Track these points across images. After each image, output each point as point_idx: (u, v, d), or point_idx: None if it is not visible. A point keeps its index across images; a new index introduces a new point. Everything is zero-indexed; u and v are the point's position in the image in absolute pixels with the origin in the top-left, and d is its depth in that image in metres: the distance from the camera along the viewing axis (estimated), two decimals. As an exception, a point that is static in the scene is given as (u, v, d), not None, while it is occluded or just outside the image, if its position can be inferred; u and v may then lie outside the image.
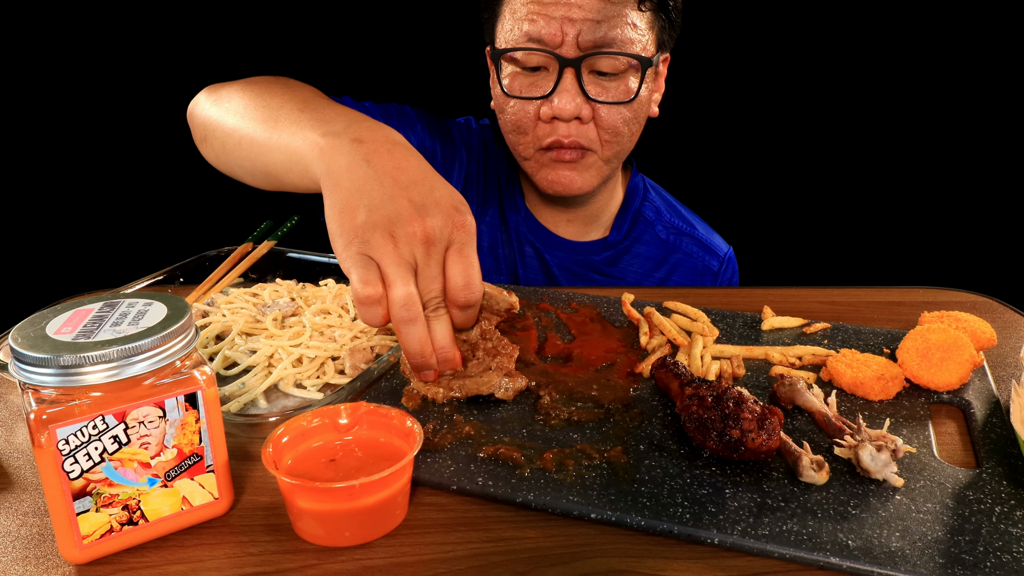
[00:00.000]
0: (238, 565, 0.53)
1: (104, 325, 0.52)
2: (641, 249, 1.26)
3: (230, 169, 0.95)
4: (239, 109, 0.90)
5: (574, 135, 1.07)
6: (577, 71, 1.03)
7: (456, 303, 0.68)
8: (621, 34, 1.03)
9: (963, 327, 0.80)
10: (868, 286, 1.05)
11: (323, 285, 0.97)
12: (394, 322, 0.66)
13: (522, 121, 1.09)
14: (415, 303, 0.65)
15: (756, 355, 0.81)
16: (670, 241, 1.27)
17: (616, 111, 1.07)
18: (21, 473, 0.64)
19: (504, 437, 0.66)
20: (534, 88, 1.07)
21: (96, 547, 0.52)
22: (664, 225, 1.28)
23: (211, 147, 0.97)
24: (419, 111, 1.23)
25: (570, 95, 1.04)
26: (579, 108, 1.04)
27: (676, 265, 1.27)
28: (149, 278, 0.96)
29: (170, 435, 0.53)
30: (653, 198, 1.30)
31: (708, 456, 0.63)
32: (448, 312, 0.69)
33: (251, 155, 0.87)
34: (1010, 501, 0.57)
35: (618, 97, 1.06)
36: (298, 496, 0.54)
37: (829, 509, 0.56)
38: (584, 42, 1.02)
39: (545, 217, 1.25)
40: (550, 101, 1.05)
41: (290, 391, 0.76)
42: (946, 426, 0.70)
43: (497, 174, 1.26)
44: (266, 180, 0.89)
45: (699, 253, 1.28)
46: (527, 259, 1.24)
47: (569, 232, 1.25)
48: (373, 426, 0.61)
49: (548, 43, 1.03)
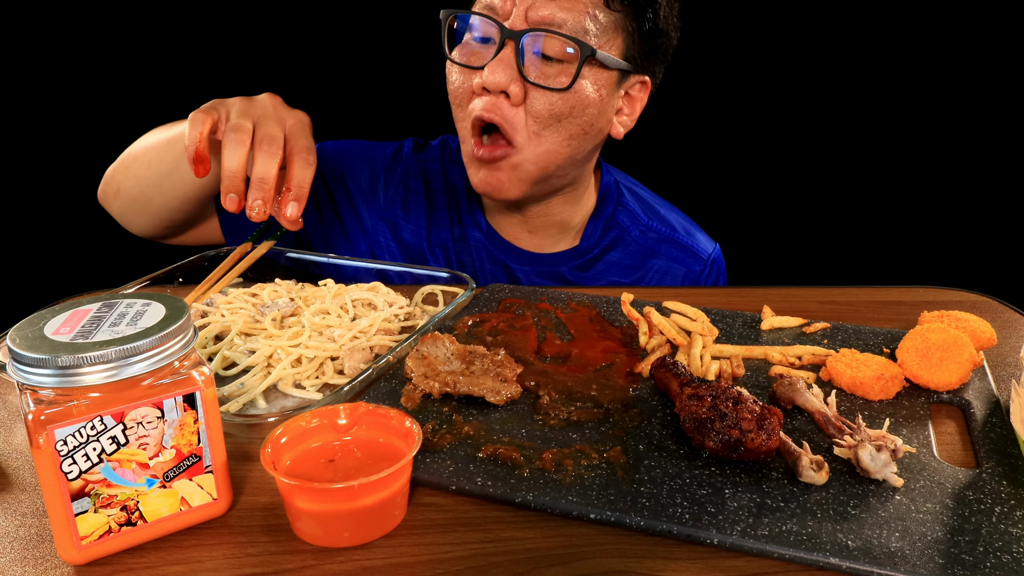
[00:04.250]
0: (237, 566, 0.53)
1: (102, 325, 0.52)
2: (615, 256, 1.21)
3: (143, 199, 1.11)
4: (132, 152, 1.12)
5: (495, 113, 1.01)
6: (518, 45, 0.99)
7: (295, 152, 0.87)
8: (576, 21, 0.98)
9: (963, 327, 0.80)
10: (868, 286, 1.05)
11: (322, 285, 0.97)
12: (224, 141, 0.84)
13: (458, 92, 1.06)
14: (246, 131, 0.83)
15: (756, 355, 0.81)
16: (647, 246, 1.22)
17: (548, 98, 1.00)
18: (19, 474, 0.64)
19: (503, 437, 0.66)
20: (475, 59, 1.03)
21: (94, 548, 0.52)
22: (641, 229, 1.22)
23: (121, 188, 1.13)
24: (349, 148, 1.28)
25: (502, 66, 0.99)
26: (508, 82, 0.99)
27: (655, 271, 1.22)
28: (148, 278, 0.96)
29: (168, 436, 0.53)
30: (627, 201, 1.24)
31: (707, 456, 0.62)
32: (280, 159, 0.85)
33: (151, 167, 1.07)
34: (1010, 501, 0.57)
35: (554, 84, 1.00)
36: (297, 497, 0.54)
37: (829, 509, 0.56)
38: (532, 17, 0.98)
39: (507, 231, 1.21)
40: (482, 71, 1.01)
41: (289, 391, 0.76)
42: (946, 426, 0.70)
43: (455, 191, 1.23)
44: (170, 183, 1.06)
45: (680, 257, 1.22)
46: (490, 276, 1.21)
47: (533, 244, 1.21)
48: (372, 426, 0.61)
49: (498, 12, 1.00)
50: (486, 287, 1.01)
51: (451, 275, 1.00)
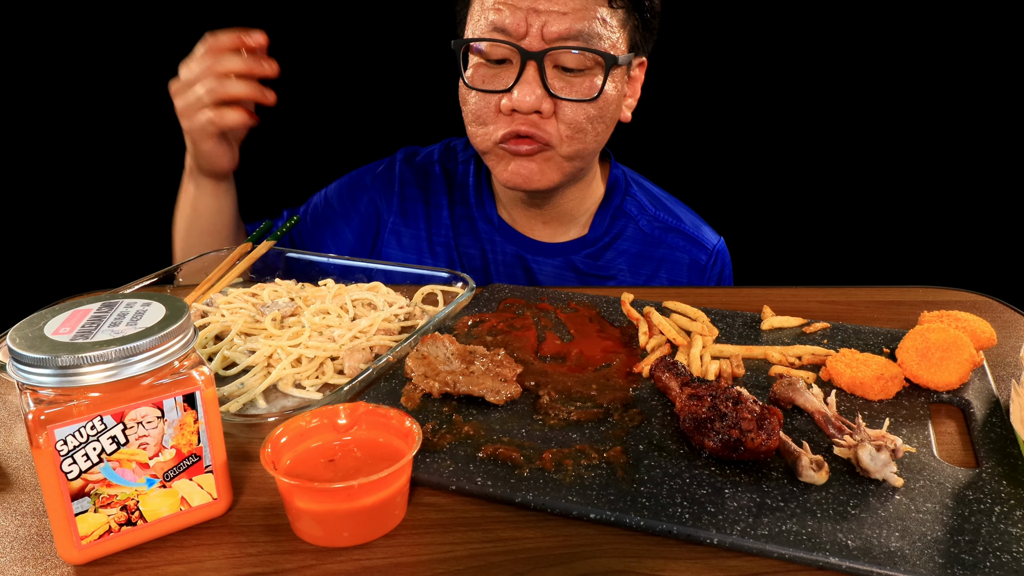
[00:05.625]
0: (237, 565, 0.53)
1: (102, 325, 0.52)
2: (624, 245, 1.24)
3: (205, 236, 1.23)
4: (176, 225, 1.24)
5: (533, 128, 1.04)
6: (540, 64, 1.01)
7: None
8: (588, 28, 1.00)
9: (963, 327, 0.80)
10: (868, 286, 1.05)
11: (322, 285, 0.97)
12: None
13: (482, 113, 1.07)
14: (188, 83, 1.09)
15: (755, 355, 0.81)
16: (654, 236, 1.24)
17: (579, 108, 1.04)
18: (19, 474, 0.64)
19: (503, 437, 0.66)
20: (496, 81, 1.05)
21: (94, 548, 0.52)
22: (648, 219, 1.25)
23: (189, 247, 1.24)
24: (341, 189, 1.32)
25: (530, 87, 1.01)
26: (539, 102, 1.01)
27: (662, 260, 1.24)
28: (148, 278, 0.96)
29: (168, 435, 0.53)
30: (635, 192, 1.27)
31: (707, 456, 0.62)
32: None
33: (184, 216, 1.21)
34: (1010, 501, 0.57)
35: (582, 94, 1.03)
36: (297, 496, 0.54)
37: (828, 509, 0.56)
38: (549, 34, 1.00)
39: (520, 223, 1.23)
40: (510, 94, 1.03)
41: (289, 391, 0.76)
42: (946, 426, 0.70)
43: (462, 188, 1.26)
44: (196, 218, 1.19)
45: (686, 247, 1.25)
46: (503, 267, 1.23)
47: (546, 234, 1.23)
48: (372, 426, 0.61)
49: (512, 34, 1.01)
50: (486, 287, 1.01)
51: (451, 275, 1.00)
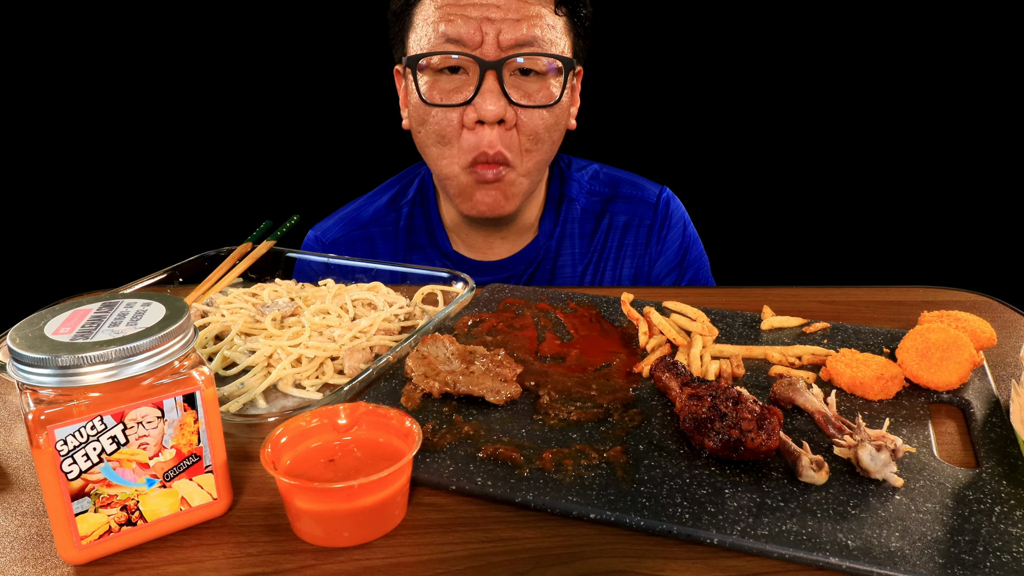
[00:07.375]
0: (237, 565, 0.53)
1: (102, 325, 0.52)
2: (573, 228, 1.24)
3: None
4: None
5: (498, 144, 1.03)
6: (499, 73, 1.00)
7: None
8: (541, 34, 1.00)
9: (963, 327, 0.80)
10: (868, 285, 1.05)
11: (322, 285, 0.97)
12: None
13: (445, 130, 1.04)
14: None
15: (755, 355, 0.81)
16: (596, 210, 1.24)
17: (538, 116, 1.03)
18: (20, 474, 0.64)
19: (503, 437, 0.66)
20: (455, 95, 1.03)
21: (95, 548, 0.52)
22: (588, 194, 1.24)
23: None
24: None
25: (493, 96, 1.00)
26: (503, 110, 1.01)
27: (611, 231, 1.23)
28: (148, 278, 0.96)
29: (168, 435, 0.53)
30: (573, 173, 1.26)
31: (707, 456, 0.62)
32: None
33: None
34: (1010, 501, 0.57)
35: (541, 100, 1.03)
36: (297, 496, 0.54)
37: (828, 509, 0.56)
38: (505, 41, 0.99)
39: (478, 245, 1.22)
40: (473, 105, 1.01)
41: (289, 391, 0.76)
42: (946, 426, 0.70)
43: (411, 231, 1.24)
44: None
45: (627, 208, 1.24)
46: None
47: (504, 249, 1.22)
48: (372, 426, 0.61)
49: (467, 43, 0.99)
50: (486, 287, 1.01)
51: (451, 275, 1.00)
